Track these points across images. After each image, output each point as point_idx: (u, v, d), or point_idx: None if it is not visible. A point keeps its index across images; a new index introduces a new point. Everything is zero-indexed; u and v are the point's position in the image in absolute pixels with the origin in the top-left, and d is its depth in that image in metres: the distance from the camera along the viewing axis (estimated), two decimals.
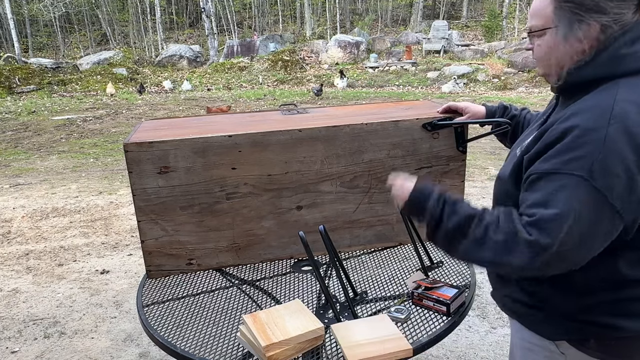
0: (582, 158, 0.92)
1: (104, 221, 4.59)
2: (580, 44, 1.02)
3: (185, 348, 1.38)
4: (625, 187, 0.92)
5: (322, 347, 1.33)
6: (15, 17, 18.78)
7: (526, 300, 1.15)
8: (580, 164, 0.93)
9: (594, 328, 1.07)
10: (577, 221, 0.92)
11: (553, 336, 1.13)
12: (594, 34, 1.00)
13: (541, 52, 1.09)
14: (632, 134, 0.91)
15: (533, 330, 1.16)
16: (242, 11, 26.76)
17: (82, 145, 8.19)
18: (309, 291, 1.66)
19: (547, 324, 1.12)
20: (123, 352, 2.64)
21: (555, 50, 1.05)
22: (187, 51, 18.50)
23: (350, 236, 1.92)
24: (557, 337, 1.12)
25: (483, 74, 13.77)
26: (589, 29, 1.00)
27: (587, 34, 1.01)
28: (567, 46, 1.03)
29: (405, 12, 24.91)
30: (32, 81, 15.27)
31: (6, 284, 3.47)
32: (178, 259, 1.80)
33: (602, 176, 0.91)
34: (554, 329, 1.11)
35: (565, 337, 1.11)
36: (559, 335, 1.11)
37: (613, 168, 0.91)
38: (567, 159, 0.94)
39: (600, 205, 0.92)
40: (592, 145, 0.92)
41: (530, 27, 1.10)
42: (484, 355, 2.50)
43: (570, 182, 0.93)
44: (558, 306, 1.10)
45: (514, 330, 1.27)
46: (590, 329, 1.07)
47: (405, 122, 1.83)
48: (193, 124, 1.92)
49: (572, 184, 0.93)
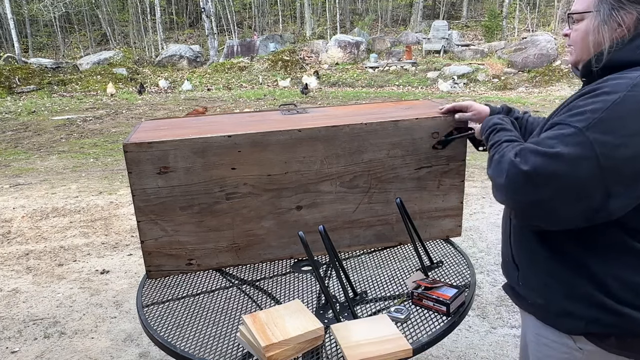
0: (586, 113, 0.96)
1: (104, 221, 4.59)
2: (618, 28, 1.06)
3: (185, 348, 1.38)
4: (614, 149, 0.93)
5: (322, 348, 1.33)
6: (15, 17, 18.77)
7: (545, 289, 1.14)
8: (582, 118, 0.97)
9: (616, 320, 1.05)
10: (556, 161, 0.95)
11: (573, 330, 1.11)
12: (631, 22, 1.05)
13: (578, 37, 1.13)
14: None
15: (550, 324, 1.14)
16: (242, 11, 26.75)
17: (82, 145, 8.19)
18: (308, 291, 1.66)
19: (568, 316, 1.11)
20: (123, 352, 2.64)
21: (593, 33, 1.09)
22: (187, 51, 18.49)
23: (350, 236, 1.92)
24: (574, 331, 1.10)
25: (483, 74, 13.77)
26: (627, 16, 1.05)
27: (624, 21, 1.05)
28: (605, 30, 1.07)
29: (405, 12, 24.90)
30: (32, 81, 15.27)
31: (6, 284, 3.47)
32: (178, 259, 1.80)
33: (598, 131, 0.94)
34: (575, 322, 1.10)
35: (584, 331, 1.09)
36: (580, 329, 1.09)
37: (612, 127, 0.94)
38: (574, 112, 0.99)
39: (587, 155, 0.94)
40: (601, 104, 0.96)
41: (571, 11, 1.15)
42: (484, 355, 2.50)
43: (567, 130, 0.98)
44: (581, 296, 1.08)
45: (528, 326, 1.25)
46: (613, 321, 1.05)
47: (405, 122, 1.83)
48: (193, 124, 1.92)
49: (567, 132, 0.97)
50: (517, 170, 1.00)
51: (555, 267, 1.12)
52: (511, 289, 1.27)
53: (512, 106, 1.65)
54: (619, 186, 0.95)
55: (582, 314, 1.08)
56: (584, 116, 0.96)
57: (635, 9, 1.04)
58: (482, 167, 5.94)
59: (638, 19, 1.04)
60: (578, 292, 1.08)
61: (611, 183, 0.94)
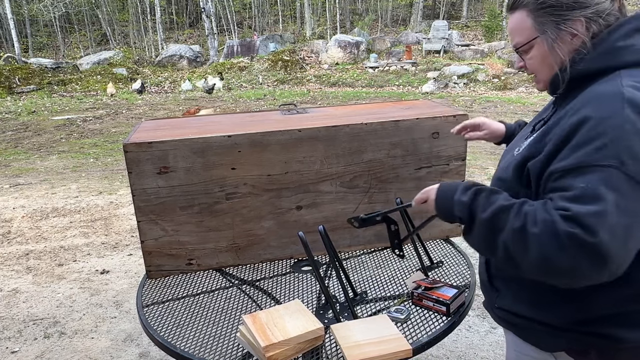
0: (606, 146, 0.88)
1: (104, 221, 4.59)
2: (574, 38, 1.03)
3: (185, 348, 1.38)
4: None
5: (322, 348, 1.33)
6: (15, 17, 18.77)
7: (522, 311, 1.11)
8: (606, 153, 0.88)
9: (595, 339, 1.03)
10: (618, 213, 0.86)
11: (552, 348, 1.09)
12: (581, 28, 1.01)
13: (536, 64, 1.09)
14: None
15: (530, 342, 1.12)
16: (242, 11, 26.75)
17: (82, 145, 8.19)
18: (308, 291, 1.66)
19: (546, 335, 1.08)
20: (123, 352, 2.64)
21: (551, 55, 1.05)
22: (187, 51, 18.48)
23: (350, 236, 1.92)
24: (556, 348, 1.08)
25: (483, 74, 13.76)
26: (574, 24, 1.02)
27: (575, 30, 1.02)
28: (561, 47, 1.04)
29: (405, 12, 24.90)
30: (32, 81, 15.26)
31: (6, 284, 3.46)
32: (178, 259, 1.80)
33: (632, 161, 0.87)
34: (553, 340, 1.07)
35: (564, 348, 1.07)
36: (559, 346, 1.08)
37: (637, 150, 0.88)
38: (591, 149, 0.89)
39: (637, 191, 0.87)
40: (613, 132, 0.89)
41: (515, 45, 1.10)
42: (484, 355, 2.50)
43: (602, 173, 0.88)
44: (557, 316, 1.06)
45: (509, 342, 1.23)
46: (591, 340, 1.03)
47: (405, 122, 1.83)
48: (193, 124, 1.92)
49: (604, 175, 0.87)
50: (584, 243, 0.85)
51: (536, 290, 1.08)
52: (490, 309, 1.23)
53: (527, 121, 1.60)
54: None
55: (562, 333, 1.06)
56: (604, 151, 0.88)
57: (580, 14, 1.00)
58: (482, 167, 5.94)
59: (587, 22, 1.01)
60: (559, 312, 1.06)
61: None
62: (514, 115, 9.27)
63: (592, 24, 1.01)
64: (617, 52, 0.99)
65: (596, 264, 0.86)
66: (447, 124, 1.86)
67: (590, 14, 1.01)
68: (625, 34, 0.99)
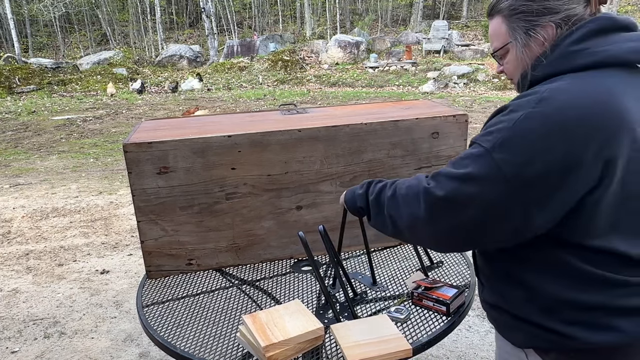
0: (493, 133, 0.96)
1: (104, 221, 4.59)
2: (542, 46, 1.04)
3: (185, 348, 1.38)
4: (522, 167, 0.91)
5: (322, 348, 1.33)
6: (15, 17, 18.78)
7: (498, 303, 1.13)
8: (490, 138, 0.96)
9: (553, 336, 1.02)
10: (469, 183, 0.96)
11: (521, 343, 1.09)
12: (552, 34, 1.02)
13: (511, 68, 1.11)
14: (549, 119, 0.91)
15: (505, 336, 1.13)
16: (242, 11, 26.76)
17: (82, 145, 8.19)
18: (308, 291, 1.66)
19: (516, 330, 1.09)
20: (123, 352, 2.65)
21: (522, 60, 1.07)
22: (187, 51, 18.49)
23: (350, 236, 1.92)
24: (524, 344, 1.09)
25: (483, 74, 13.76)
26: (544, 30, 1.02)
27: (545, 36, 1.03)
28: (526, 53, 1.06)
29: (405, 12, 24.90)
30: (32, 81, 15.27)
31: (6, 284, 3.47)
32: (178, 259, 1.80)
33: (502, 150, 0.93)
34: (522, 335, 1.08)
35: (531, 345, 1.07)
36: (526, 342, 1.08)
37: (516, 146, 0.92)
38: (486, 131, 0.99)
39: (495, 175, 0.94)
40: (505, 123, 0.95)
41: (493, 50, 1.14)
42: (484, 355, 2.50)
43: (477, 150, 0.98)
44: (523, 311, 1.06)
45: (495, 337, 1.24)
46: (551, 338, 1.02)
47: (405, 122, 1.83)
48: (192, 124, 1.92)
49: (476, 152, 0.97)
50: (433, 197, 1.01)
51: (501, 283, 1.11)
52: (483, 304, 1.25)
53: None
54: (538, 203, 0.93)
55: (525, 329, 1.07)
56: (492, 136, 0.96)
57: (549, 19, 1.01)
58: None
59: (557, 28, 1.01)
60: (520, 308, 1.07)
61: (528, 201, 0.93)
62: None
63: (561, 29, 1.01)
64: (570, 56, 0.99)
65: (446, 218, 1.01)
66: (447, 124, 1.86)
67: (559, 19, 1.01)
68: (580, 37, 0.99)
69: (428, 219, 1.03)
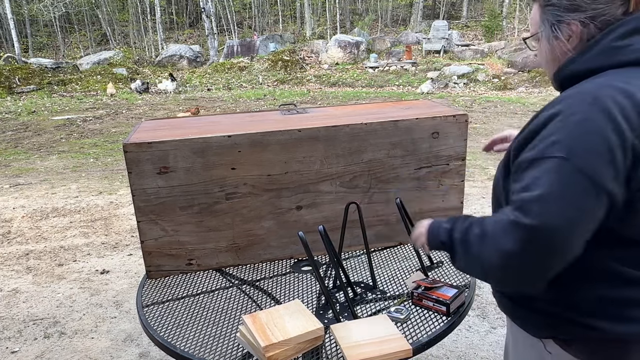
0: (561, 141, 0.93)
1: (104, 221, 4.59)
2: (565, 41, 1.05)
3: (185, 348, 1.38)
4: (607, 164, 0.91)
5: (322, 348, 1.33)
6: (15, 17, 18.77)
7: (514, 295, 1.14)
8: (559, 146, 0.93)
9: (577, 328, 1.04)
10: (560, 200, 0.90)
11: (539, 333, 1.11)
12: (577, 31, 1.04)
13: (541, 58, 1.14)
14: (612, 115, 0.92)
15: (521, 326, 1.14)
16: (242, 11, 26.75)
17: (82, 145, 8.19)
18: (308, 291, 1.66)
19: (534, 320, 1.11)
20: (123, 352, 2.64)
21: (548, 51, 1.10)
22: (187, 51, 18.48)
23: (350, 236, 1.92)
24: (543, 334, 1.10)
25: (483, 74, 13.76)
26: (569, 27, 1.04)
27: (569, 32, 1.05)
28: (555, 46, 1.07)
29: (405, 12, 24.90)
30: (32, 81, 15.26)
31: (6, 284, 3.47)
32: (178, 259, 1.80)
33: (582, 155, 0.91)
34: (541, 326, 1.10)
35: (550, 335, 1.09)
36: (545, 332, 1.09)
37: (593, 146, 0.91)
38: (549, 142, 0.95)
39: (582, 183, 0.91)
40: (572, 127, 0.93)
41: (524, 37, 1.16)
42: (484, 355, 2.50)
43: (552, 165, 0.93)
44: (543, 302, 1.07)
45: (508, 326, 1.26)
46: (574, 329, 1.04)
47: (404, 122, 1.83)
48: (192, 124, 1.92)
49: (554, 166, 0.92)
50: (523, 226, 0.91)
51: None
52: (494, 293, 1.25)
53: None
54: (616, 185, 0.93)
55: (545, 320, 1.08)
56: (560, 144, 0.93)
57: (573, 17, 1.03)
58: (482, 167, 5.94)
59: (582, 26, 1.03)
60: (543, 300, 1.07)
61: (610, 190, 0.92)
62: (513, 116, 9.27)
63: (588, 27, 1.03)
64: (613, 52, 1.00)
65: (540, 248, 0.91)
66: (447, 124, 1.86)
67: (585, 17, 1.02)
68: (623, 34, 1.00)
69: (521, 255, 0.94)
